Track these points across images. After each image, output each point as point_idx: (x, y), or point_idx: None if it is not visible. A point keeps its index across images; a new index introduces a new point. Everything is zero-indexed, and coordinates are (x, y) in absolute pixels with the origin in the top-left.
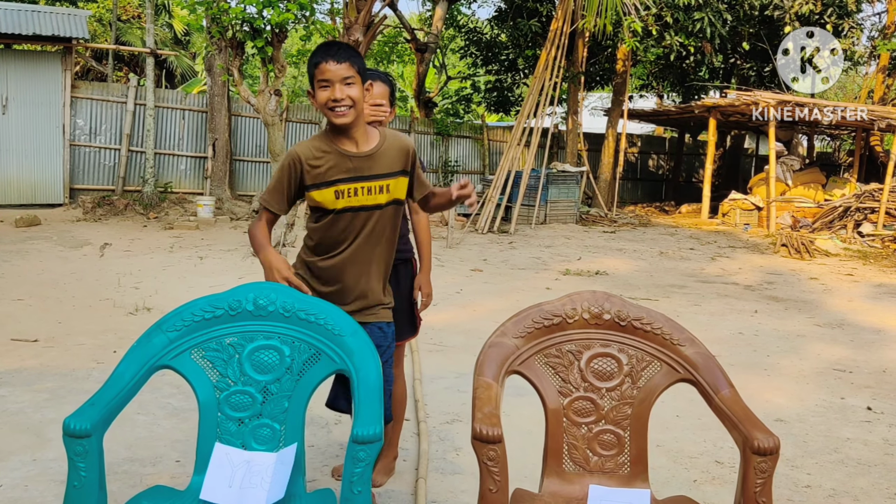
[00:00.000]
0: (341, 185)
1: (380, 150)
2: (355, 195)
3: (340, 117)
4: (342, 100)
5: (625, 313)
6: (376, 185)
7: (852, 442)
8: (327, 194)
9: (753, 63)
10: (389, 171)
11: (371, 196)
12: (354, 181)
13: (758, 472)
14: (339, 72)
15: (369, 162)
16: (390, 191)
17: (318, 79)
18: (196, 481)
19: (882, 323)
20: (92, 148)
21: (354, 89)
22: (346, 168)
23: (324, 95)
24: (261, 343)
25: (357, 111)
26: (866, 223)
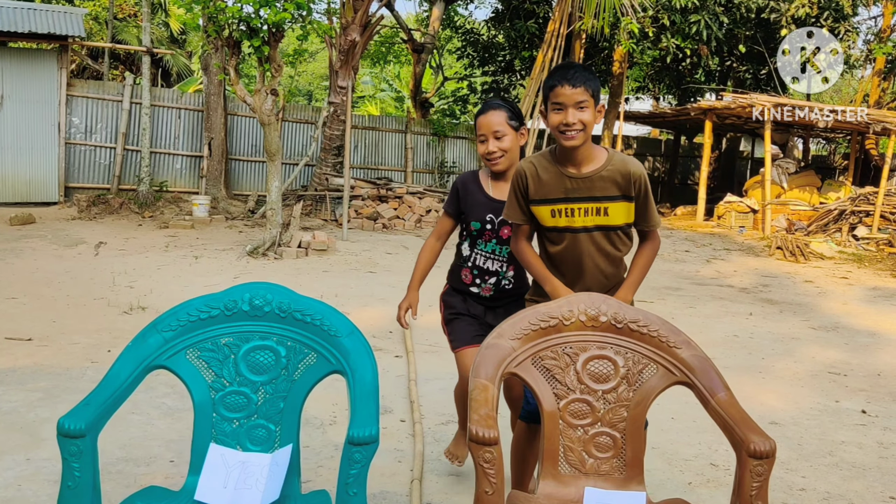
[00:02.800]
0: (559, 205)
1: (601, 171)
2: (570, 216)
3: (570, 140)
4: (573, 125)
5: (621, 316)
6: (592, 206)
7: (847, 445)
8: (544, 211)
9: (749, 66)
10: (608, 194)
11: (589, 217)
12: (569, 202)
13: (754, 475)
14: (573, 96)
15: (588, 183)
16: (609, 214)
17: (553, 101)
18: (191, 482)
19: (877, 326)
20: (87, 146)
21: (587, 114)
22: (563, 188)
23: (556, 119)
24: (256, 343)
25: (587, 135)
26: (861, 226)
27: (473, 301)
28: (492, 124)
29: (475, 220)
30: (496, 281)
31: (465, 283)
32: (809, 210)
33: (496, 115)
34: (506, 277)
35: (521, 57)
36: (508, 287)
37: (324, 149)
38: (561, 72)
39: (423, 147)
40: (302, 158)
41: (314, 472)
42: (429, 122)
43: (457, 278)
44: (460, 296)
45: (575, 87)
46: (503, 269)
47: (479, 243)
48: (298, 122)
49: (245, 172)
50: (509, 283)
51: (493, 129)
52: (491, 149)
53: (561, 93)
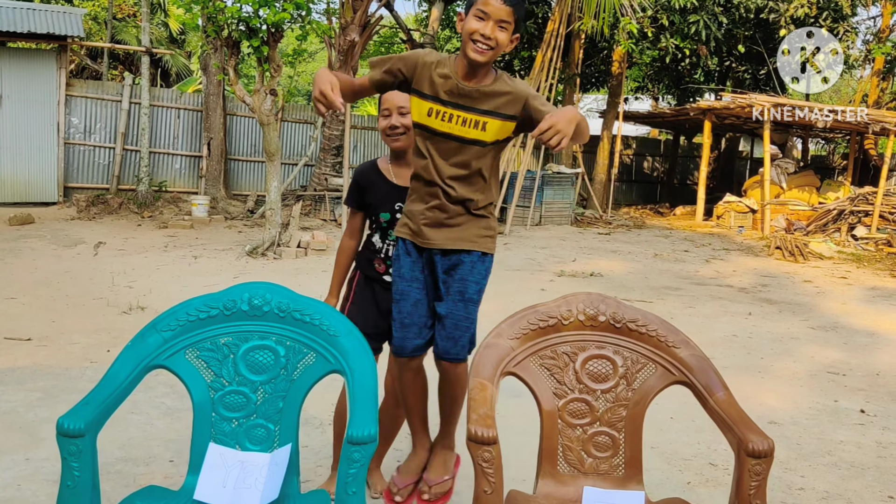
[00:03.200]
0: (437, 106)
1: (492, 85)
2: (447, 121)
3: (478, 54)
4: (490, 39)
5: (620, 315)
6: (472, 118)
7: (845, 444)
8: (422, 106)
9: (748, 66)
10: (492, 109)
11: (465, 127)
12: (449, 106)
13: (752, 474)
14: (499, 12)
15: (476, 95)
16: (486, 129)
17: (478, 7)
18: (190, 481)
19: (875, 326)
20: (86, 146)
21: (504, 35)
22: (448, 90)
23: (474, 25)
24: (255, 343)
25: (494, 55)
26: (860, 226)
27: (383, 289)
28: (397, 100)
29: (384, 212)
30: None
31: (379, 272)
32: (808, 210)
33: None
34: None
35: (519, 57)
36: None
37: (323, 149)
38: None
39: None
40: (301, 158)
41: (313, 472)
42: None
43: (369, 266)
44: (370, 287)
45: (506, 3)
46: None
47: (390, 234)
48: (297, 122)
49: (244, 172)
50: None
51: (398, 104)
52: (394, 122)
53: (490, 2)
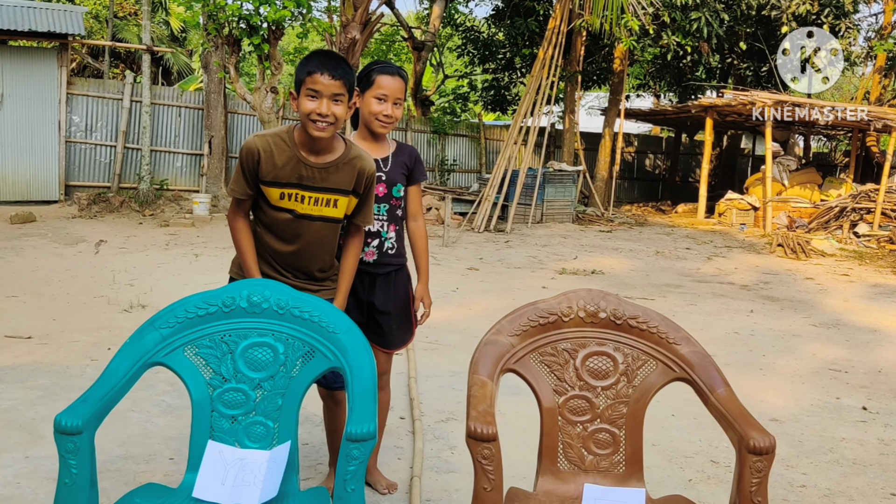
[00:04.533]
0: (289, 189)
1: (338, 164)
2: (299, 201)
3: (320, 132)
4: (327, 116)
5: (620, 312)
6: (323, 197)
7: (847, 442)
8: (273, 192)
9: (750, 63)
10: (340, 187)
11: (317, 207)
12: (301, 188)
13: (753, 471)
14: (330, 87)
15: (324, 175)
16: (338, 206)
17: (308, 87)
18: (189, 479)
19: (877, 323)
20: (88, 145)
21: (341, 108)
22: (297, 174)
23: (309, 106)
24: (254, 340)
25: (336, 129)
26: (862, 223)
27: (359, 275)
28: (396, 90)
29: None
30: (379, 243)
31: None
32: (810, 207)
33: (401, 82)
34: (388, 238)
35: (521, 54)
36: (392, 251)
37: None
38: (322, 59)
39: (423, 145)
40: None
41: (313, 469)
42: (429, 119)
43: None
44: None
45: (335, 78)
46: (385, 228)
47: None
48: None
49: None
50: (392, 245)
51: (396, 94)
52: (389, 112)
53: (319, 80)
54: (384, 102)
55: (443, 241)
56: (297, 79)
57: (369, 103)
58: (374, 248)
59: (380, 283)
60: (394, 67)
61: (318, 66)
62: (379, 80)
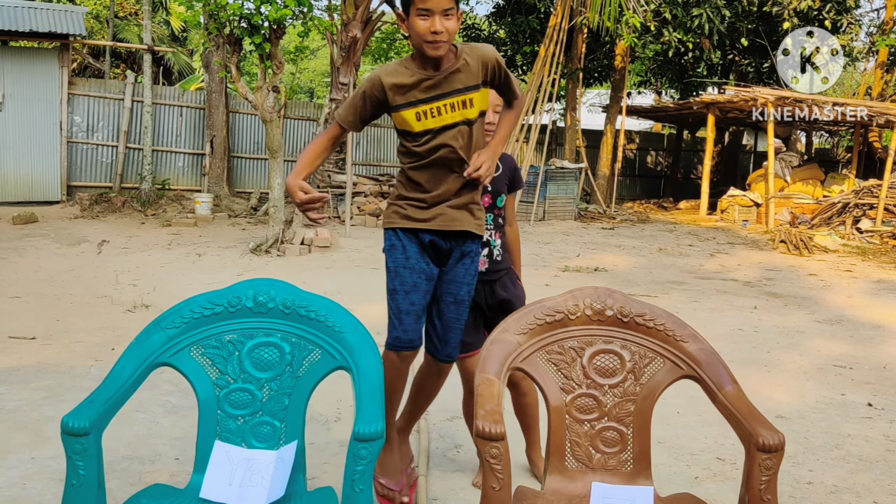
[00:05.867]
0: (423, 106)
1: (458, 64)
2: (437, 115)
3: (436, 50)
4: (441, 33)
5: (627, 309)
6: (458, 100)
7: (853, 438)
8: (409, 116)
9: (752, 59)
10: (470, 84)
11: (456, 112)
12: (433, 101)
13: (763, 469)
14: (441, 3)
15: (449, 79)
16: (473, 104)
17: (418, 6)
18: (196, 479)
19: (881, 319)
20: (89, 145)
21: (452, 22)
22: (424, 88)
23: (423, 25)
24: (261, 340)
25: (450, 45)
26: (865, 219)
27: None
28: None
29: None
30: (488, 252)
31: None
32: (813, 203)
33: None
34: (496, 247)
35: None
36: (499, 258)
37: None
38: None
39: None
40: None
41: (319, 469)
42: None
43: None
44: None
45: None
46: (493, 237)
47: None
48: (300, 119)
49: (247, 170)
50: (499, 253)
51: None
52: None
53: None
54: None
55: None
56: (405, 1)
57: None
58: (485, 258)
59: (498, 286)
60: None
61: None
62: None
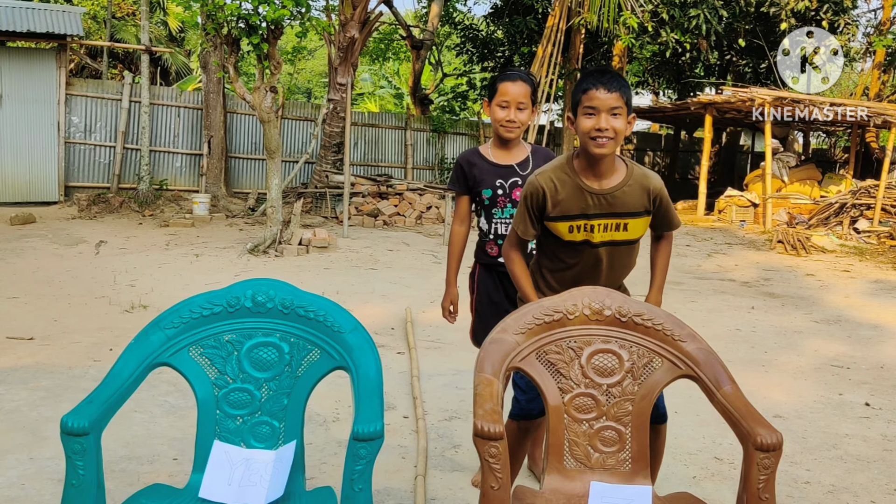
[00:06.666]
0: (577, 221)
1: (623, 187)
2: (590, 231)
3: (600, 148)
4: (606, 130)
5: (625, 309)
6: (612, 222)
7: (851, 438)
8: (562, 227)
9: (749, 59)
10: (629, 210)
11: (608, 233)
12: (589, 218)
13: (761, 468)
14: (608, 101)
15: (610, 199)
16: (629, 229)
17: (585, 105)
18: (195, 479)
19: (879, 319)
20: (87, 145)
21: (619, 121)
22: (583, 204)
23: (588, 124)
24: (259, 340)
25: (616, 144)
26: (862, 219)
27: (496, 276)
28: (518, 94)
29: (486, 188)
30: None
31: (492, 256)
32: (810, 204)
33: (524, 86)
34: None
35: (520, 52)
36: (534, 252)
37: (323, 146)
38: (596, 76)
39: (422, 143)
40: (302, 156)
41: (318, 469)
42: (428, 118)
43: (483, 253)
44: (491, 277)
45: (610, 91)
46: None
47: (494, 212)
48: (298, 119)
49: (245, 170)
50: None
51: (518, 99)
52: (512, 117)
53: (595, 96)
54: (507, 109)
55: (443, 240)
56: (574, 101)
57: (495, 111)
58: (499, 245)
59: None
60: (516, 73)
61: (593, 83)
62: (500, 87)
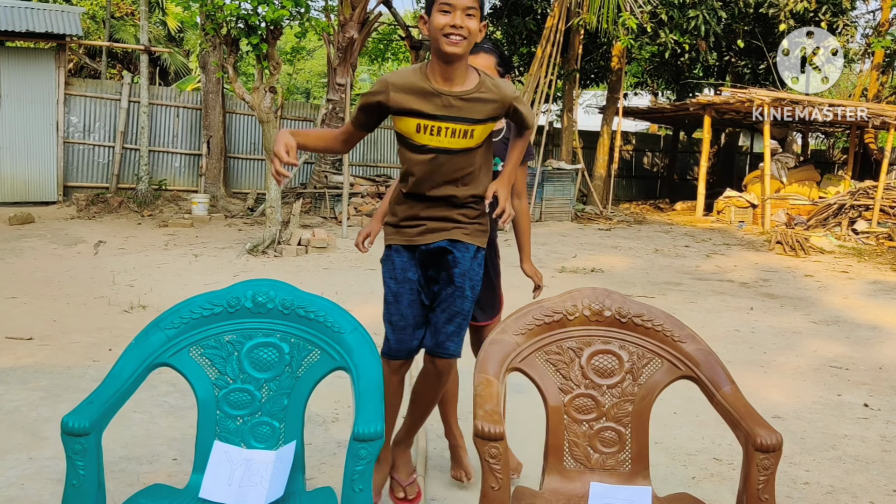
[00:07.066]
0: (424, 121)
1: (474, 93)
2: (438, 134)
3: (453, 46)
4: (461, 28)
5: (625, 310)
6: (460, 128)
7: (850, 439)
8: (409, 124)
9: (748, 60)
10: (477, 116)
11: (454, 139)
12: (437, 120)
13: (760, 468)
14: (464, 0)
15: (459, 104)
16: (474, 136)
17: (441, 1)
18: (195, 479)
19: (877, 320)
20: (86, 145)
21: (474, 22)
22: (433, 105)
23: (443, 20)
24: (260, 340)
25: (469, 45)
26: (861, 220)
27: None
28: None
29: None
30: None
31: None
32: (809, 204)
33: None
34: None
35: (519, 53)
36: None
37: None
38: None
39: None
40: (301, 156)
41: (317, 470)
42: None
43: None
44: None
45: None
46: None
47: None
48: (297, 119)
49: (244, 170)
50: None
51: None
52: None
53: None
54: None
55: None
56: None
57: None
58: None
59: None
60: None
61: None
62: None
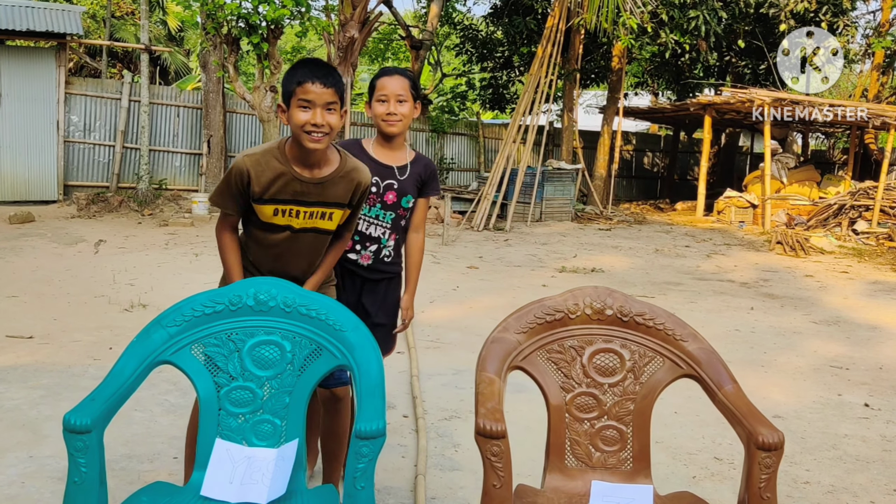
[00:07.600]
0: (284, 206)
1: (334, 178)
2: (293, 216)
3: (315, 143)
4: (322, 126)
5: (627, 309)
6: (318, 211)
7: (850, 438)
8: (266, 209)
9: (748, 60)
10: (336, 200)
11: (312, 220)
12: (296, 204)
13: (762, 467)
14: (323, 96)
15: (318, 189)
16: (332, 219)
17: (300, 97)
18: (197, 477)
19: (877, 320)
20: (86, 144)
21: (334, 117)
22: (292, 191)
23: (303, 117)
24: (262, 338)
25: (330, 139)
26: (861, 221)
27: (349, 276)
28: (397, 88)
29: None
30: (377, 249)
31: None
32: (809, 205)
33: (402, 80)
34: (387, 247)
35: (519, 53)
36: (387, 259)
37: None
38: (312, 67)
39: (421, 144)
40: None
41: (320, 467)
42: (427, 118)
43: None
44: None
45: (326, 86)
46: (385, 236)
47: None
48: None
49: None
50: (389, 254)
51: (397, 92)
52: (392, 110)
53: (311, 90)
54: (386, 102)
55: (442, 240)
56: (286, 90)
57: (375, 108)
58: (370, 253)
59: (368, 289)
60: (392, 69)
61: (308, 76)
62: (378, 83)
